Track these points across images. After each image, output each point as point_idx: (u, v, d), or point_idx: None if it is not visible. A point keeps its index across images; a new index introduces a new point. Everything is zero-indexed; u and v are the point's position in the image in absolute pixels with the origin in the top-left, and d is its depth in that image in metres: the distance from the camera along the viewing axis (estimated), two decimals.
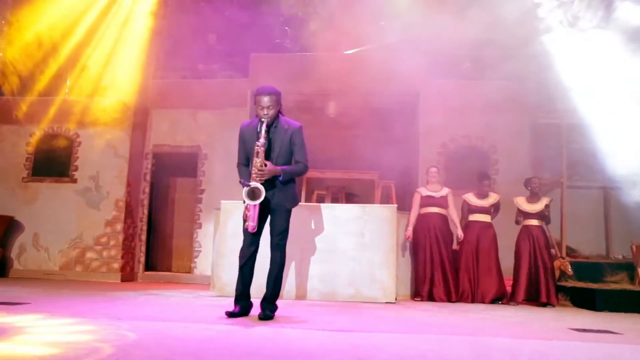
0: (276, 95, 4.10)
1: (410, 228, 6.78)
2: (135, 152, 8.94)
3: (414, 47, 8.40)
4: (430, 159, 8.36)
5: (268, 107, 4.04)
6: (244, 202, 4.02)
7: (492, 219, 6.85)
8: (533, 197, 6.73)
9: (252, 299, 4.28)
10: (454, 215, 6.81)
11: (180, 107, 9.20)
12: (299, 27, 8.83)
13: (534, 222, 6.67)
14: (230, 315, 4.16)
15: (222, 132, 9.01)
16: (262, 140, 3.97)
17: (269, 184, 4.05)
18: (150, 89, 9.17)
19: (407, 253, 6.97)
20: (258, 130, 4.03)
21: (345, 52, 8.59)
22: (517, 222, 6.79)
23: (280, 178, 4.08)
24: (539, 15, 7.50)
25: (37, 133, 9.04)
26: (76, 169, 8.84)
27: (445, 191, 6.86)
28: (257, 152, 3.97)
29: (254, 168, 3.97)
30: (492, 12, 6.87)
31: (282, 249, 4.19)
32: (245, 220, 4.07)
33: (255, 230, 4.06)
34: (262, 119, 4.03)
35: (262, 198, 3.92)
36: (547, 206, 6.73)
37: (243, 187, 3.99)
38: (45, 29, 8.31)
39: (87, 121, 8.81)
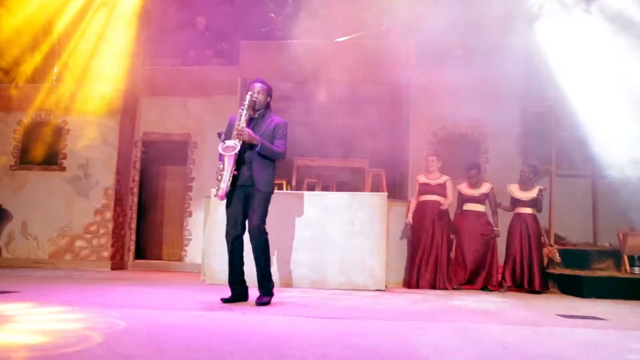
0: (267, 87, 4.40)
1: (411, 214, 6.78)
2: (124, 140, 8.87)
3: (404, 35, 8.37)
4: (420, 147, 8.38)
5: (258, 93, 4.34)
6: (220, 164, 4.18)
7: (493, 209, 6.86)
8: (525, 185, 6.80)
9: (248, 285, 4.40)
10: (448, 200, 6.79)
11: (170, 94, 9.12)
12: (289, 14, 8.76)
13: (527, 210, 6.73)
14: (225, 301, 4.19)
15: (212, 120, 8.95)
16: (245, 103, 4.25)
17: (249, 163, 4.23)
18: (140, 76, 9.08)
19: (401, 240, 7.01)
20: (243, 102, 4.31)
21: (336, 40, 8.54)
22: (505, 208, 6.85)
23: (257, 148, 4.21)
24: (527, 3, 7.50)
25: (25, 120, 8.93)
26: (65, 157, 8.75)
27: (443, 179, 6.86)
28: (240, 115, 4.23)
29: (234, 130, 4.17)
30: (481, 0, 6.87)
31: (262, 233, 4.25)
32: (218, 189, 4.16)
33: (224, 196, 4.17)
34: (248, 97, 4.28)
35: (235, 151, 4.10)
36: (540, 191, 6.77)
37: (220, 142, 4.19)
38: (33, 14, 8.19)
39: (76, 109, 8.70)
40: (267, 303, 4.23)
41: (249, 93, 4.31)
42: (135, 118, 9.21)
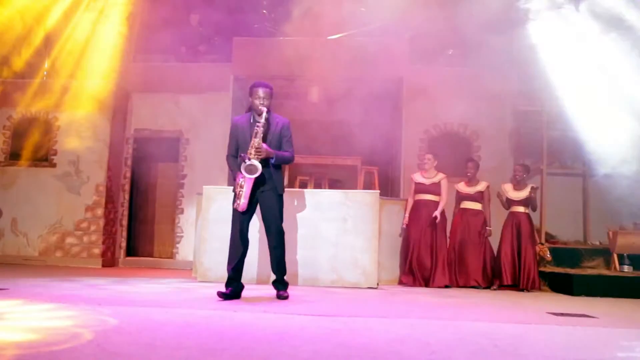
0: (271, 90, 4.48)
1: (407, 215, 6.79)
2: (115, 136, 8.81)
3: (397, 34, 8.37)
4: (413, 145, 8.40)
5: (264, 98, 4.41)
6: (237, 180, 4.28)
7: (484, 207, 6.87)
8: (518, 184, 6.81)
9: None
10: (442, 202, 6.75)
11: (162, 91, 9.06)
12: (282, 11, 8.73)
13: (520, 208, 6.74)
14: (223, 295, 4.22)
15: (204, 117, 8.93)
16: (262, 121, 4.35)
17: (264, 170, 4.32)
18: (131, 72, 9.02)
19: (400, 237, 7.01)
20: (255, 118, 4.43)
21: (329, 37, 8.53)
22: (503, 204, 6.88)
23: (272, 161, 4.38)
24: (520, 2, 7.53)
25: (15, 116, 8.86)
26: (55, 153, 8.69)
27: (438, 178, 6.81)
28: (256, 133, 4.30)
29: (251, 148, 4.25)
30: None
31: (281, 233, 4.54)
32: (235, 201, 4.28)
33: (245, 209, 4.29)
34: (261, 108, 4.38)
35: (258, 173, 4.23)
36: (533, 189, 6.75)
37: (240, 162, 4.25)
38: (23, 8, 8.10)
39: (67, 104, 8.63)
40: (287, 297, 4.48)
41: (259, 103, 4.38)
42: (127, 114, 9.15)
